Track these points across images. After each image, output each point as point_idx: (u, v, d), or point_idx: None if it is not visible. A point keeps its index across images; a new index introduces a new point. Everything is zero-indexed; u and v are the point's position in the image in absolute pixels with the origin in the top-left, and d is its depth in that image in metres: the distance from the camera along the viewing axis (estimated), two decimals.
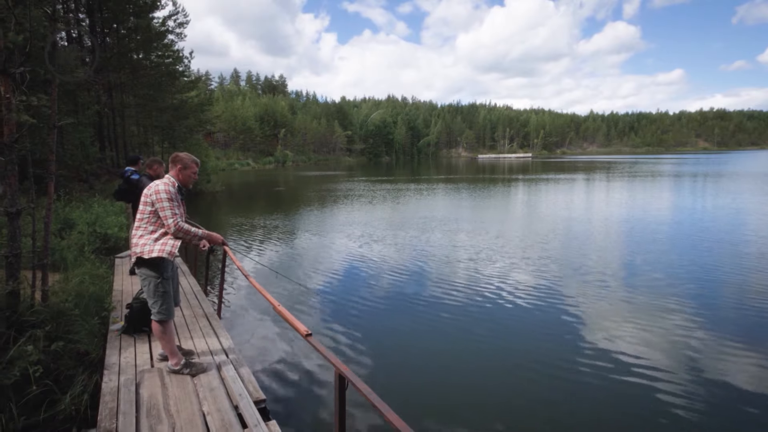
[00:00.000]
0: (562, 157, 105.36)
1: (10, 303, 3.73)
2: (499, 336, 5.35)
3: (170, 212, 3.12)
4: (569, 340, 5.18)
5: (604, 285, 7.13)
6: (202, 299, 5.28)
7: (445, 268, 8.41)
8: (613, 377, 4.35)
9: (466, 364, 4.72)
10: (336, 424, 2.06)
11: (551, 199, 19.91)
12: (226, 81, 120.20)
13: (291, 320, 2.63)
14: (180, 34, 21.63)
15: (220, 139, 73.85)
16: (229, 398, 3.01)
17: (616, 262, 8.48)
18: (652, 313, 5.92)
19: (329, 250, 10.12)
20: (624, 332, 5.34)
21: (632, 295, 6.64)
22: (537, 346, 5.08)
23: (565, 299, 6.52)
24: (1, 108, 3.57)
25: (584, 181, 30.55)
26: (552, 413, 3.83)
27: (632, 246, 9.87)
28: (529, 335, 5.38)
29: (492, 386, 4.30)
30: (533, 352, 4.94)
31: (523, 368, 4.59)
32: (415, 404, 3.96)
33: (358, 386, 1.85)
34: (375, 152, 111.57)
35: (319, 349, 2.24)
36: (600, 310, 6.10)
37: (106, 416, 2.78)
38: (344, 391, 2.03)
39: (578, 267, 8.22)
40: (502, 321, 5.79)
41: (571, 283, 7.29)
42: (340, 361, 2.06)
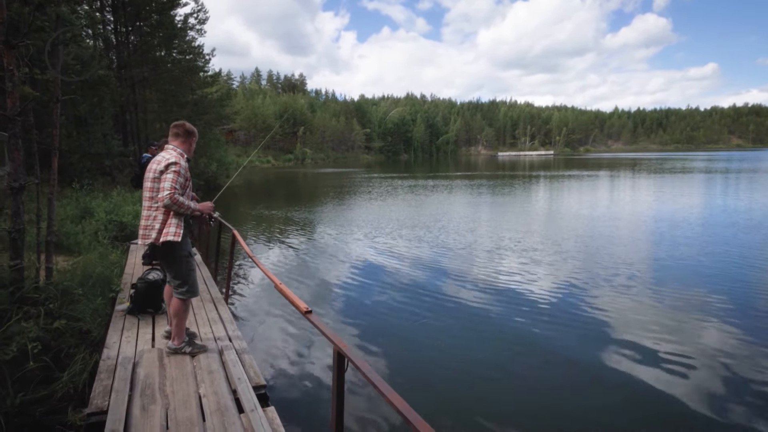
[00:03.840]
0: (585, 155, 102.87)
1: (14, 279, 3.66)
2: (511, 326, 5.05)
3: (170, 184, 2.96)
4: (587, 336, 4.84)
5: (628, 285, 6.64)
6: (210, 285, 5.18)
7: (458, 260, 8.12)
8: (631, 379, 4.01)
9: (474, 354, 4.46)
10: (333, 404, 1.85)
11: (575, 196, 19.29)
12: (247, 80, 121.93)
13: (291, 297, 2.44)
14: (200, 31, 21.85)
15: (240, 137, 74.98)
16: (228, 382, 2.84)
17: (644, 262, 8.00)
18: (680, 314, 5.44)
19: (344, 239, 9.96)
20: (648, 335, 4.88)
21: (660, 296, 6.13)
22: (550, 342, 4.75)
23: (585, 295, 6.16)
24: (5, 81, 3.49)
25: (609, 178, 29.58)
26: (559, 405, 3.55)
27: (661, 245, 9.32)
28: (543, 330, 5.05)
29: (499, 375, 4.03)
30: (545, 346, 4.63)
31: (534, 361, 4.29)
32: (416, 388, 3.74)
33: (357, 364, 1.64)
34: (393, 150, 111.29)
35: (318, 326, 2.04)
36: (622, 310, 5.66)
37: (99, 393, 2.65)
38: (343, 370, 1.82)
39: (602, 265, 7.80)
40: (515, 312, 5.49)
41: (593, 281, 6.89)
42: (340, 339, 1.85)
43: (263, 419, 2.43)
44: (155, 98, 21.84)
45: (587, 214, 13.48)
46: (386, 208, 15.62)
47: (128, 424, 2.30)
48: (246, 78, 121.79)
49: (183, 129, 3.28)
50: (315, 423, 3.26)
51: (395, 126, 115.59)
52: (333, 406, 1.86)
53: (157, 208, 3.03)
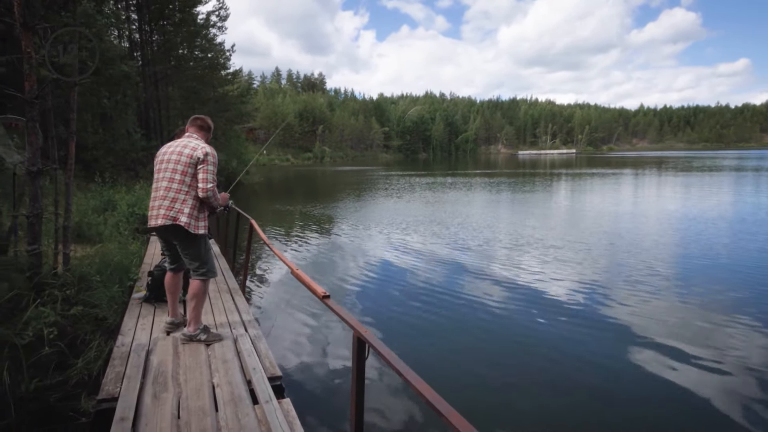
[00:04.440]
0: (608, 154, 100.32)
1: (32, 264, 3.64)
2: (532, 324, 4.81)
3: (212, 176, 3.01)
4: (612, 334, 4.56)
5: (657, 286, 6.26)
6: (228, 276, 5.10)
7: (477, 256, 7.88)
8: (652, 380, 3.73)
9: (491, 350, 4.24)
10: (353, 394, 1.69)
11: (598, 193, 18.70)
12: (268, 80, 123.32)
13: (308, 283, 2.29)
14: (221, 28, 22.06)
15: (260, 135, 75.87)
16: (243, 372, 2.72)
17: (672, 262, 7.58)
18: (711, 316, 5.07)
19: (361, 234, 9.83)
20: (677, 338, 4.53)
21: (689, 298, 5.71)
22: (571, 340, 4.49)
23: (611, 293, 5.85)
24: (23, 63, 3.45)
25: (634, 176, 28.66)
26: (584, 404, 3.32)
27: (690, 245, 8.81)
28: (562, 327, 4.79)
29: (522, 373, 3.81)
30: (565, 343, 4.37)
31: (555, 357, 4.05)
32: (440, 378, 3.56)
33: (379, 350, 1.48)
34: (412, 148, 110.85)
35: (336, 310, 1.89)
36: (649, 311, 5.29)
37: (111, 380, 2.56)
38: (363, 357, 1.66)
39: (628, 264, 7.42)
40: (536, 308, 5.23)
41: (619, 279, 6.54)
42: (359, 323, 1.69)
43: (278, 411, 2.30)
44: (177, 95, 22.18)
45: (612, 211, 13.01)
46: (404, 205, 15.44)
47: (139, 412, 2.20)
48: (266, 78, 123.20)
49: (207, 123, 3.43)
50: (332, 415, 3.12)
51: (414, 124, 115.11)
52: (352, 397, 1.71)
53: (187, 192, 2.97)
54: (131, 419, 2.11)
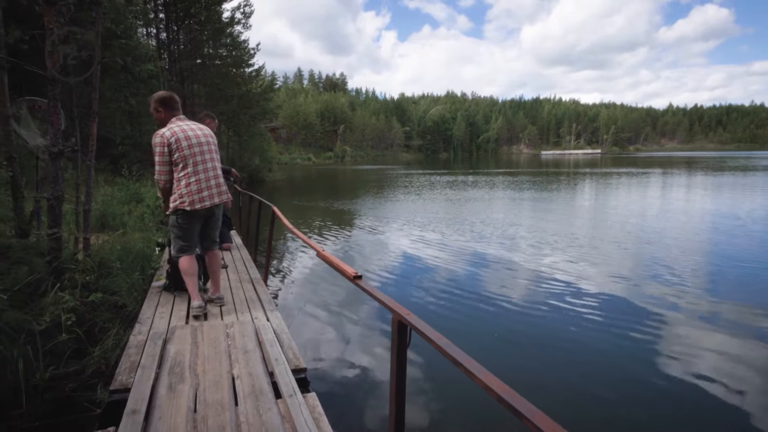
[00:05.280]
0: (635, 154, 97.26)
1: (52, 249, 3.54)
2: (557, 324, 4.47)
3: None
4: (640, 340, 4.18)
5: (690, 292, 5.85)
6: (250, 266, 4.95)
7: (501, 252, 7.52)
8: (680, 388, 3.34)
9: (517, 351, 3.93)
10: (392, 386, 1.45)
11: (624, 193, 17.95)
12: (290, 80, 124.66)
13: (337, 264, 2.06)
14: (246, 24, 22.21)
15: (282, 135, 76.60)
16: (265, 363, 2.52)
17: (706, 266, 7.03)
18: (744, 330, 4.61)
19: (381, 229, 9.59)
20: (705, 349, 4.12)
21: (723, 308, 5.28)
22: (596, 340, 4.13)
23: (639, 298, 5.43)
24: (46, 41, 3.35)
25: (662, 175, 27.50)
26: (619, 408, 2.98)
27: (723, 249, 8.20)
28: (588, 327, 4.42)
29: (586, 375, 3.49)
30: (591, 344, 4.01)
31: (584, 359, 3.71)
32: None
33: (427, 335, 1.23)
34: (433, 148, 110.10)
35: (370, 291, 1.65)
36: (679, 317, 4.90)
37: (125, 369, 2.39)
38: (405, 343, 1.42)
39: (658, 269, 6.95)
40: (562, 307, 4.88)
41: (648, 284, 6.10)
42: (398, 304, 1.45)
43: (303, 406, 2.08)
44: (203, 92, 22.43)
45: (641, 211, 12.38)
46: (424, 202, 15.13)
47: (152, 404, 2.01)
48: (289, 78, 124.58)
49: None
50: (362, 411, 2.88)
51: (435, 124, 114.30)
52: (392, 390, 1.46)
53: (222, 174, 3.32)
54: (143, 412, 1.92)
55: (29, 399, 2.66)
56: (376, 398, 3.00)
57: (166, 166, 3.06)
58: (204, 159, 3.13)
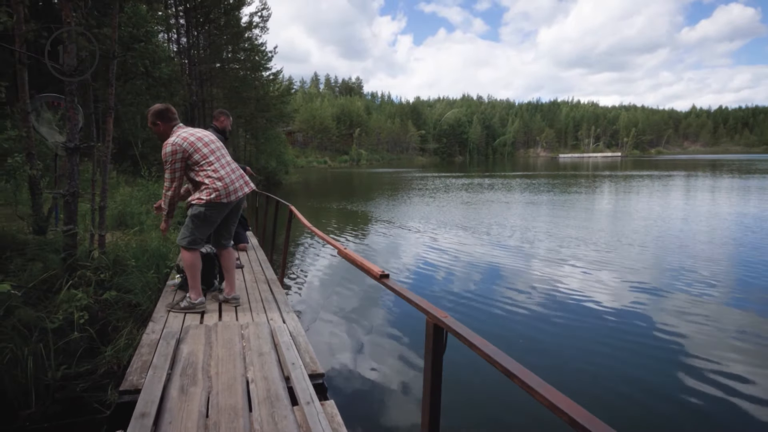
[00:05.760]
0: (656, 157, 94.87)
1: (67, 245, 3.48)
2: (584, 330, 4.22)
3: None
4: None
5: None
6: (266, 267, 4.85)
7: (520, 256, 7.27)
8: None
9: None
10: (426, 396, 1.29)
11: (646, 196, 17.38)
12: (307, 85, 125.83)
13: (360, 262, 1.92)
14: (263, 28, 22.42)
15: (299, 138, 77.27)
16: (280, 367, 2.38)
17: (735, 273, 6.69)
18: None
19: (398, 230, 9.43)
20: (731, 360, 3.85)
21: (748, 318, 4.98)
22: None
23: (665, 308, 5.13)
24: (63, 36, 3.31)
25: (685, 178, 26.64)
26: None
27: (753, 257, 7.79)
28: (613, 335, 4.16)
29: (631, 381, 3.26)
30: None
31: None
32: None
33: (469, 339, 1.07)
34: (448, 152, 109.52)
35: (400, 292, 1.49)
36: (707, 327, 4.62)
37: (136, 370, 2.29)
38: (441, 348, 1.26)
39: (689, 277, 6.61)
40: (588, 314, 4.62)
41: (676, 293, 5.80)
42: (432, 305, 1.29)
43: (321, 415, 1.93)
44: (221, 95, 22.70)
45: (668, 215, 11.93)
46: (438, 204, 14.91)
47: (162, 407, 1.89)
48: (305, 83, 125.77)
49: None
50: (385, 423, 2.71)
51: (450, 127, 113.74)
52: (425, 400, 1.30)
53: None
54: (153, 415, 1.80)
55: (40, 399, 2.59)
56: (402, 408, 2.83)
57: (177, 173, 2.94)
58: (223, 154, 3.12)
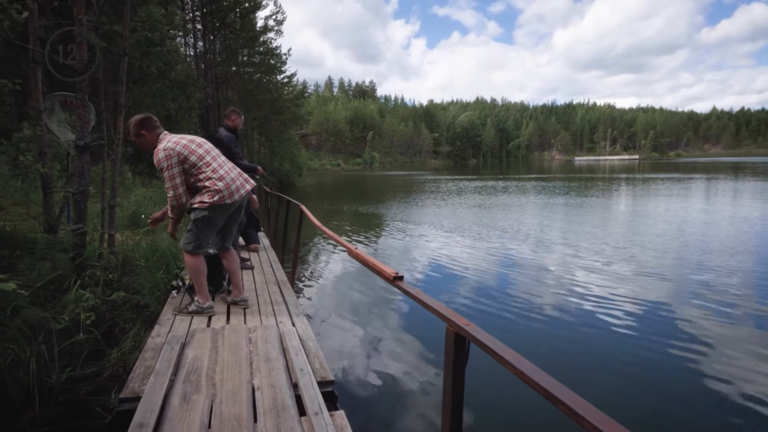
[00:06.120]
0: (676, 160, 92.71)
1: (76, 244, 3.43)
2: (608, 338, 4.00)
3: None
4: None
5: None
6: (276, 268, 4.75)
7: (538, 260, 7.05)
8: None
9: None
10: (447, 410, 1.15)
11: (664, 199, 16.89)
12: (321, 88, 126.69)
13: (373, 263, 1.79)
14: (278, 31, 22.57)
15: (313, 141, 77.70)
16: (288, 373, 2.26)
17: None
18: None
19: (411, 232, 9.28)
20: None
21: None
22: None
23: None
24: (75, 32, 3.27)
25: (706, 180, 25.87)
26: None
27: None
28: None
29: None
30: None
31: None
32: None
33: (498, 352, 0.94)
34: (462, 155, 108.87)
35: (415, 296, 1.36)
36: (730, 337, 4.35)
37: (138, 375, 2.19)
38: (463, 359, 1.12)
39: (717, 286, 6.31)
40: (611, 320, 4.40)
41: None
42: (452, 311, 1.15)
43: (330, 427, 1.80)
44: (236, 98, 22.90)
45: (692, 219, 11.52)
46: (453, 207, 14.70)
47: (162, 417, 1.79)
48: (320, 87, 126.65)
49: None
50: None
51: (464, 130, 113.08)
52: (445, 417, 1.16)
53: None
54: (152, 426, 1.70)
55: (43, 401, 2.52)
56: (416, 421, 2.69)
57: (178, 178, 2.81)
58: (218, 154, 3.04)
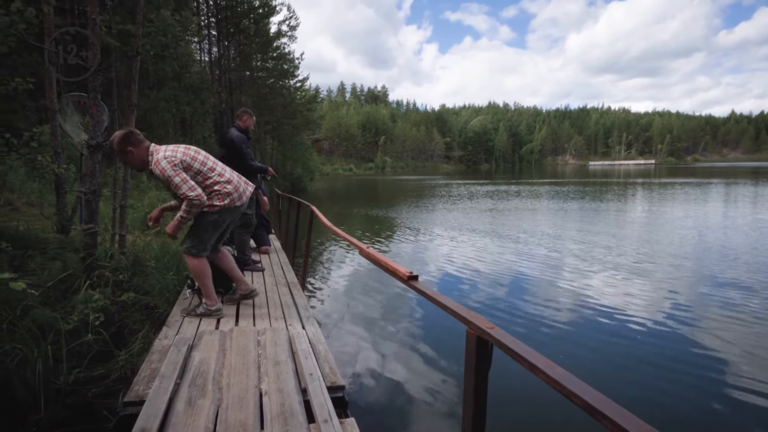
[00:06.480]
0: (693, 164, 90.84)
1: (86, 244, 3.42)
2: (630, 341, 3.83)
3: None
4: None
5: None
6: (287, 270, 4.70)
7: (553, 264, 6.87)
8: None
9: None
10: (468, 418, 1.05)
11: (681, 204, 16.46)
12: (333, 93, 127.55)
13: (385, 262, 1.70)
14: (292, 37, 22.75)
15: (325, 146, 78.15)
16: (297, 378, 2.18)
17: None
18: None
19: (423, 235, 9.16)
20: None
21: None
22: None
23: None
24: (88, 31, 3.27)
25: (725, 185, 25.21)
26: None
27: None
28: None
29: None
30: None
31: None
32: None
33: (526, 358, 0.84)
34: (474, 159, 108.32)
35: (432, 296, 1.26)
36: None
37: (143, 379, 2.13)
38: (486, 365, 1.02)
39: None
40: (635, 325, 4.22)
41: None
42: (476, 314, 1.06)
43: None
44: (249, 102, 23.12)
45: (717, 224, 11.18)
46: (465, 210, 14.54)
47: (166, 422, 1.72)
48: (332, 92, 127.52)
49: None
50: None
51: (476, 135, 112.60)
52: (467, 423, 1.06)
53: None
54: (155, 431, 1.62)
55: (50, 403, 2.48)
56: (431, 430, 2.58)
57: (190, 181, 2.73)
58: (217, 162, 3.03)
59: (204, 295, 3.09)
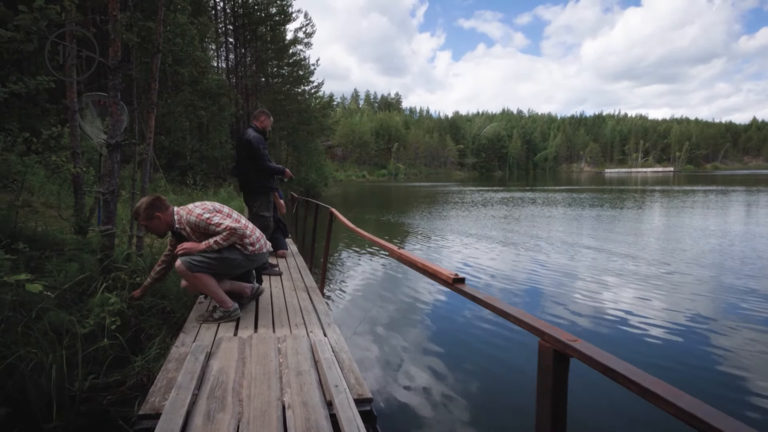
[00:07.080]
0: (713, 172, 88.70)
1: (104, 246, 3.34)
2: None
3: None
4: None
5: None
6: (305, 274, 4.58)
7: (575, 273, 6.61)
8: None
9: None
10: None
11: (700, 212, 15.93)
12: (347, 101, 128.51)
13: (424, 264, 1.55)
14: (308, 44, 22.92)
15: (338, 153, 78.61)
16: (322, 389, 2.04)
17: None
18: None
19: (442, 241, 8.97)
20: None
21: None
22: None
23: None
24: (109, 28, 3.22)
25: (746, 193, 24.40)
26: None
27: None
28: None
29: None
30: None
31: None
32: None
33: (620, 372, 0.68)
34: (487, 166, 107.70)
35: (485, 301, 1.11)
36: None
37: (159, 389, 2.01)
38: (564, 382, 0.86)
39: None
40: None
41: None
42: (550, 324, 0.90)
43: None
44: (265, 107, 23.34)
45: (746, 233, 10.75)
46: (478, 217, 14.30)
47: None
48: (346, 99, 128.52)
49: None
50: None
51: (490, 142, 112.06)
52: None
53: None
54: None
55: (65, 411, 2.37)
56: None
57: (227, 218, 2.92)
58: (240, 214, 3.13)
59: (217, 302, 3.00)
